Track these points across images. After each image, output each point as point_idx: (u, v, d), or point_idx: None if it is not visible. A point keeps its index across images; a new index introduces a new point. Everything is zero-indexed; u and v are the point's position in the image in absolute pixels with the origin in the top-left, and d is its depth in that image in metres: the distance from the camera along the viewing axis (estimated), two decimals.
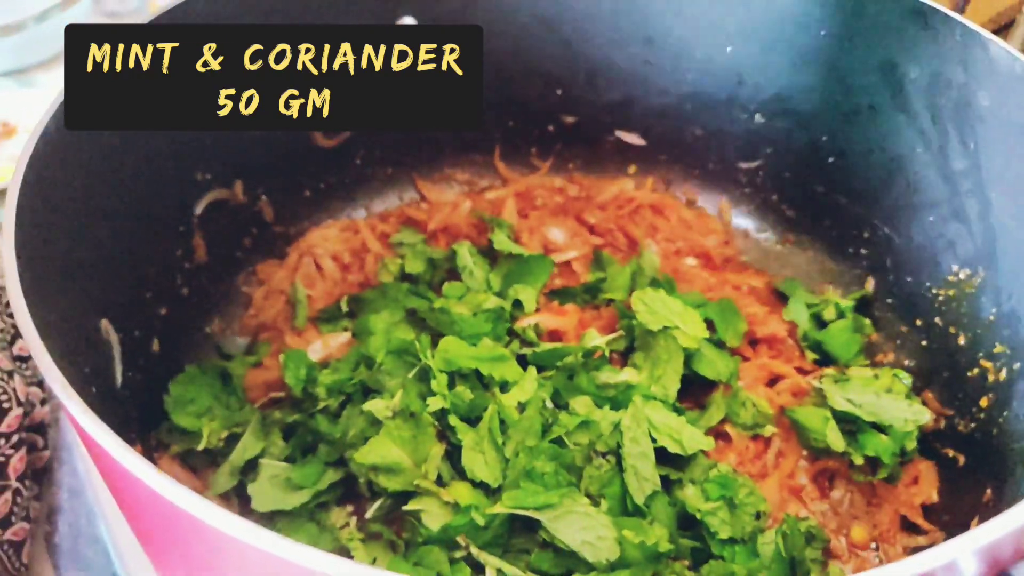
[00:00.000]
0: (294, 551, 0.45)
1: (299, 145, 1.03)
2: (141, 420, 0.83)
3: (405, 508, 0.76)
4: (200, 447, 0.82)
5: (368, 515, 0.79)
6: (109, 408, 0.71)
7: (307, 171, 1.06)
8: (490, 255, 1.02)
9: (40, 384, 0.90)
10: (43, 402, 0.90)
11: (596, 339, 0.90)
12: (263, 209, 1.03)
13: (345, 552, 0.77)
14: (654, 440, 0.80)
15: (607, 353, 0.90)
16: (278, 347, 0.95)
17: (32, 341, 0.56)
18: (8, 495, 0.81)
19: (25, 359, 0.89)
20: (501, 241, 1.01)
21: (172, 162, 0.88)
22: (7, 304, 0.88)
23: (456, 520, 0.72)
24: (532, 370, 0.84)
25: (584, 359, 0.87)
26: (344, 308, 0.96)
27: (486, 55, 1.06)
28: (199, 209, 0.93)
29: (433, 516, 0.75)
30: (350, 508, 0.81)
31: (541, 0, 1.03)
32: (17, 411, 0.83)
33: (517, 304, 0.95)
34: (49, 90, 1.40)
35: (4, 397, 0.82)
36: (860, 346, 0.97)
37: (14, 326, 0.88)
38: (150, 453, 0.83)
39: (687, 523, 0.78)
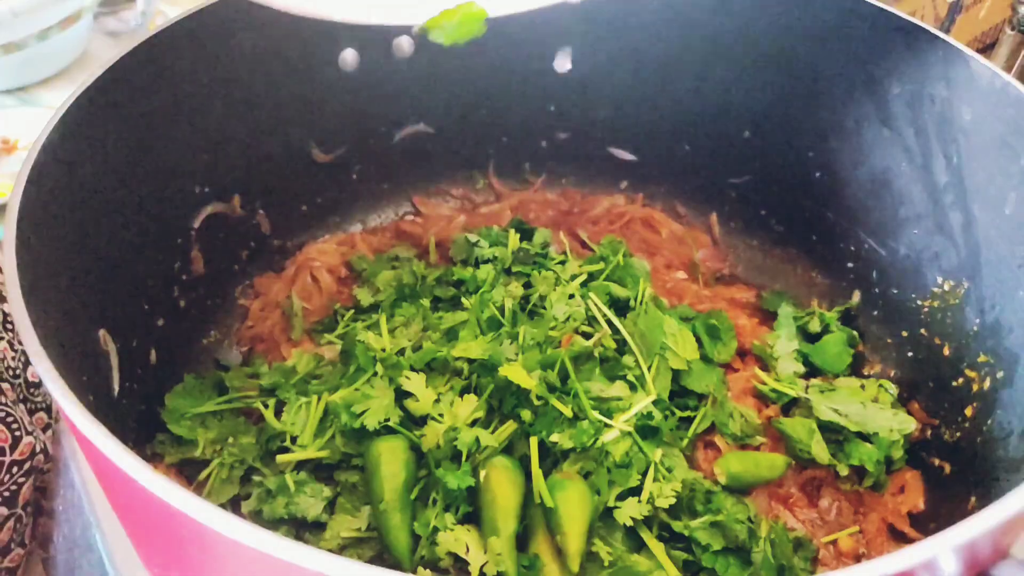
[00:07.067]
0: (294, 552, 0.45)
1: (297, 160, 1.05)
2: (138, 430, 0.84)
3: None
4: (196, 454, 0.83)
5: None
6: (106, 417, 0.72)
7: (304, 186, 1.08)
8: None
9: (47, 409, 0.91)
10: (47, 427, 0.91)
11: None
12: (261, 223, 1.04)
13: None
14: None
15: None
16: (274, 358, 0.96)
17: (33, 349, 0.57)
18: (12, 523, 0.82)
19: (37, 385, 0.90)
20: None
21: (171, 176, 0.89)
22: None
23: None
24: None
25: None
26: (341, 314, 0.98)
27: (481, 72, 1.09)
28: (197, 222, 0.94)
29: None
30: None
31: (534, 21, 1.05)
32: (28, 439, 0.84)
33: None
34: (50, 107, 1.41)
35: (16, 426, 0.83)
36: (852, 359, 0.98)
37: (24, 353, 0.89)
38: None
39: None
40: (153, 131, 0.85)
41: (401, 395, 0.82)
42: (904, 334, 0.96)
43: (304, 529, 0.80)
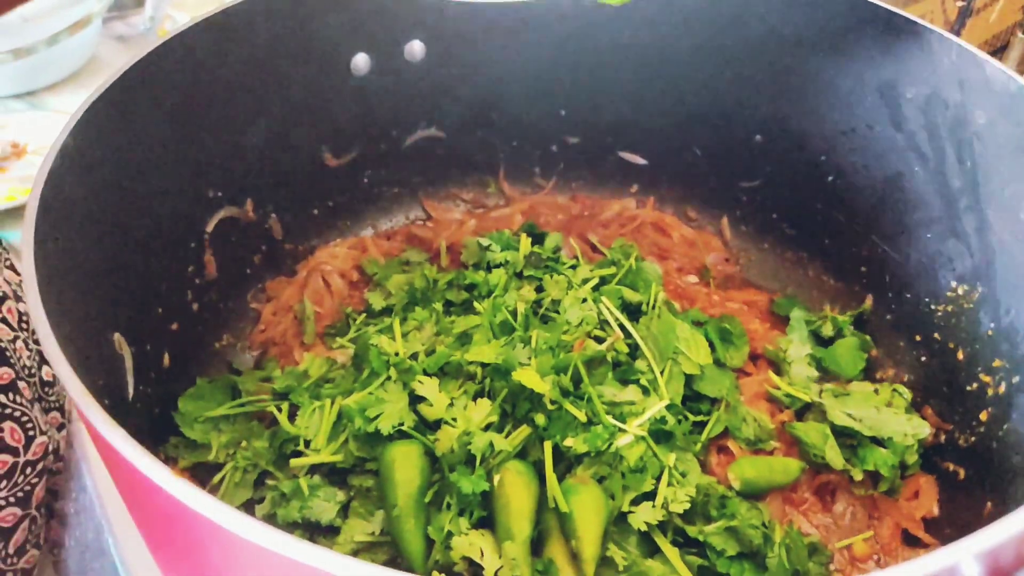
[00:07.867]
0: (312, 554, 0.45)
1: (308, 164, 1.05)
2: (151, 434, 0.84)
3: None
4: (210, 458, 0.83)
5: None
6: (120, 420, 0.73)
7: (316, 190, 1.08)
8: None
9: (60, 409, 0.91)
10: (61, 427, 0.91)
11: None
12: (273, 227, 1.04)
13: None
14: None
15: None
16: (286, 362, 0.96)
17: (52, 352, 0.57)
18: (27, 523, 0.82)
19: (51, 384, 0.90)
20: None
21: (184, 180, 0.89)
22: (34, 332, 0.89)
23: None
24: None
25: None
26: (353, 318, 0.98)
27: (492, 78, 1.09)
28: (210, 226, 0.95)
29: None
30: None
31: (545, 25, 1.05)
32: (41, 439, 0.84)
33: None
34: (58, 112, 1.42)
35: (30, 425, 0.82)
36: (865, 363, 0.98)
37: (39, 352, 0.89)
38: None
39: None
40: (166, 137, 0.85)
41: (414, 399, 0.82)
42: (918, 338, 0.96)
43: (318, 533, 0.80)
